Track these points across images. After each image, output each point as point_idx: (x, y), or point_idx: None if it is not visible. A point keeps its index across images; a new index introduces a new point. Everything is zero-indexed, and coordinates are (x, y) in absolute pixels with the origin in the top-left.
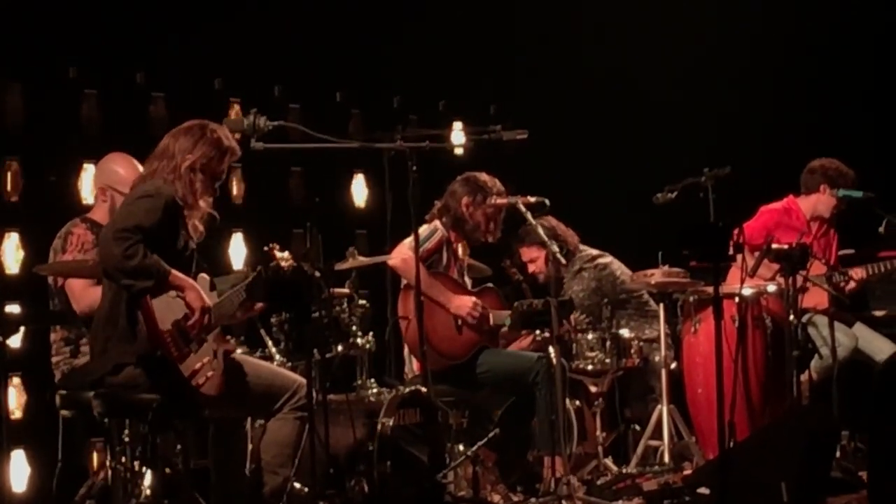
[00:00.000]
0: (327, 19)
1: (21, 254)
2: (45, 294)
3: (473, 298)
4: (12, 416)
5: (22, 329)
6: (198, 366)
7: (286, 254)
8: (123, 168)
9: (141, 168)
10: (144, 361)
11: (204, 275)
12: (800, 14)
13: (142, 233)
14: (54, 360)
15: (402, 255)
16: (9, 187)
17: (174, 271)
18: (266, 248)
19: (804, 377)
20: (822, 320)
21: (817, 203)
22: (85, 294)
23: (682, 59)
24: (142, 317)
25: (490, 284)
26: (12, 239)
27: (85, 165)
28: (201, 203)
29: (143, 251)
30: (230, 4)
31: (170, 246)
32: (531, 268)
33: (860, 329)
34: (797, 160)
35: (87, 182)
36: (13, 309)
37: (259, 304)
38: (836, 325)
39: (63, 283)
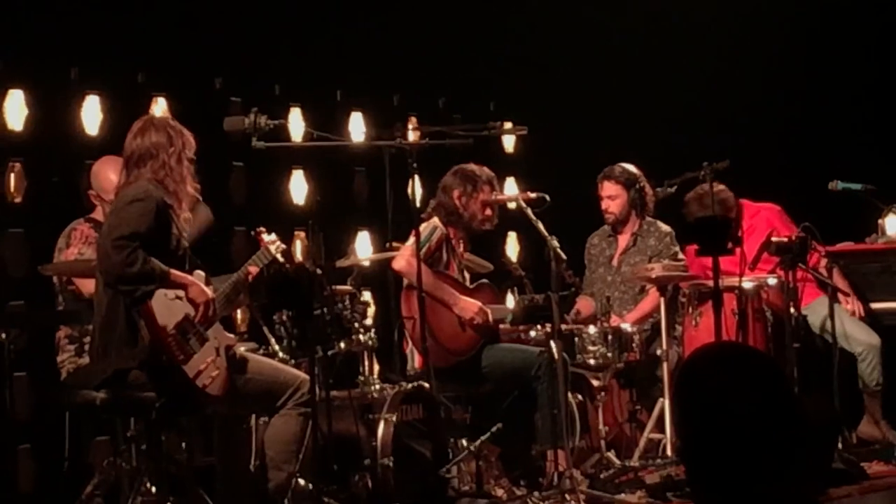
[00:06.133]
0: (327, 17)
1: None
2: (48, 294)
3: (479, 303)
4: (17, 415)
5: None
6: (202, 366)
7: (273, 236)
8: (115, 173)
9: None
10: (148, 367)
11: (199, 271)
12: (799, 5)
13: (138, 238)
14: (59, 358)
15: (405, 257)
16: (12, 188)
17: (173, 270)
18: (252, 233)
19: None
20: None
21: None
22: (91, 281)
23: (679, 53)
24: (143, 322)
25: (486, 280)
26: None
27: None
28: (190, 189)
29: (143, 256)
30: (230, 4)
31: (164, 247)
32: (605, 203)
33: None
34: (796, 152)
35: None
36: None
37: (252, 268)
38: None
39: (69, 278)
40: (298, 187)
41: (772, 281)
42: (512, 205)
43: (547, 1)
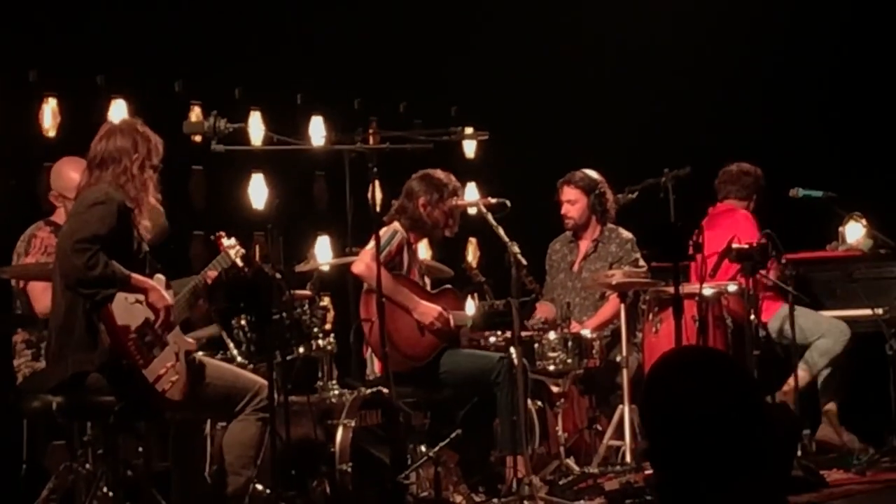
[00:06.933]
0: (288, 21)
1: None
2: (5, 297)
3: (439, 308)
4: None
5: None
6: (162, 371)
7: (233, 241)
8: (76, 172)
9: None
10: (107, 370)
11: (159, 275)
12: (760, 12)
13: (99, 241)
14: (16, 362)
15: (365, 261)
16: None
17: (134, 274)
18: (212, 238)
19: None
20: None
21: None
22: (45, 295)
23: (641, 60)
24: (103, 326)
25: (449, 285)
26: None
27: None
28: (151, 199)
29: (104, 260)
30: (189, 7)
31: (124, 250)
32: (565, 208)
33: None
34: (757, 159)
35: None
36: None
37: (212, 273)
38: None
39: (26, 285)
40: (258, 191)
41: (732, 288)
42: (472, 210)
43: (508, 7)
